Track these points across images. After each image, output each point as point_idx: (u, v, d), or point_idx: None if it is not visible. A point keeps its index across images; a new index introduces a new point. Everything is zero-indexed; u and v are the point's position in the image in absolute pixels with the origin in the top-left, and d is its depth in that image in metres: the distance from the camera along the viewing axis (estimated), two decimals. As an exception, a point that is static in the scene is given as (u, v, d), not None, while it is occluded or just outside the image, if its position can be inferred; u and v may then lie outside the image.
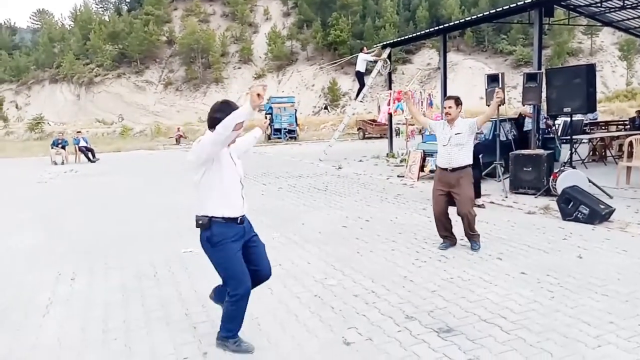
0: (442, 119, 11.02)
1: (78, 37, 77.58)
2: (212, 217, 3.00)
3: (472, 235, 5.30)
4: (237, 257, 3.05)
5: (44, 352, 3.32)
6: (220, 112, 2.91)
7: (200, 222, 3.03)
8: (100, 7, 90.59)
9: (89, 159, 18.55)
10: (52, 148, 18.68)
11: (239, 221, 3.07)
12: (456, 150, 5.16)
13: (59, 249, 6.03)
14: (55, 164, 17.90)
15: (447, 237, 5.41)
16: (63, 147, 18.65)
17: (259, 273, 3.24)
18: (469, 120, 5.29)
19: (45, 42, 78.42)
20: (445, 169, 5.24)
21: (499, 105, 6.20)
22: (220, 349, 3.21)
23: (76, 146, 18.86)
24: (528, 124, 10.88)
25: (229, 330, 3.19)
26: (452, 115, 5.22)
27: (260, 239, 3.30)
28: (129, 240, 6.31)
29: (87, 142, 19.45)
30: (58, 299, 4.28)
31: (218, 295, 3.39)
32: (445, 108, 5.31)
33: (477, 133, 9.99)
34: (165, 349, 3.28)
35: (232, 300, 3.08)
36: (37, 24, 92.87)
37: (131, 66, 74.42)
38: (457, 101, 5.27)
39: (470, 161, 5.25)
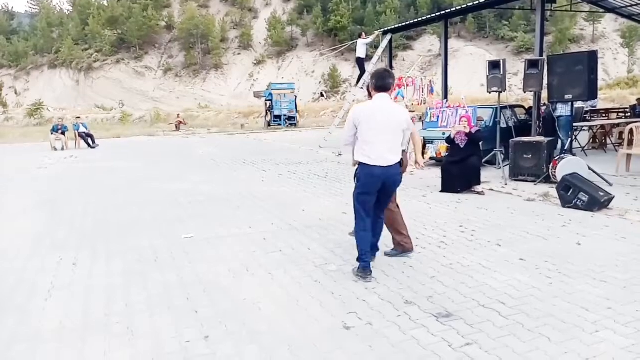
0: (442, 106, 11.03)
1: (77, 22, 77.14)
2: None
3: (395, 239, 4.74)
4: None
5: (47, 335, 3.35)
6: (392, 78, 4.15)
7: (400, 162, 4.16)
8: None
9: (88, 145, 18.53)
10: (51, 134, 18.65)
11: None
12: None
13: (61, 234, 6.06)
14: (55, 149, 17.89)
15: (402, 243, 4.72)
16: (63, 133, 18.62)
17: None
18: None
19: (44, 27, 77.94)
20: None
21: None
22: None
23: (76, 132, 18.82)
24: (560, 109, 10.45)
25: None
26: None
27: None
28: (130, 225, 6.34)
29: (86, 128, 19.40)
30: (60, 283, 4.31)
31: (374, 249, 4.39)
32: None
33: (478, 120, 10.04)
34: (167, 332, 3.32)
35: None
36: (35, 9, 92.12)
37: (130, 52, 74.06)
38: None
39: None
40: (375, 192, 4.16)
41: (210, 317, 3.52)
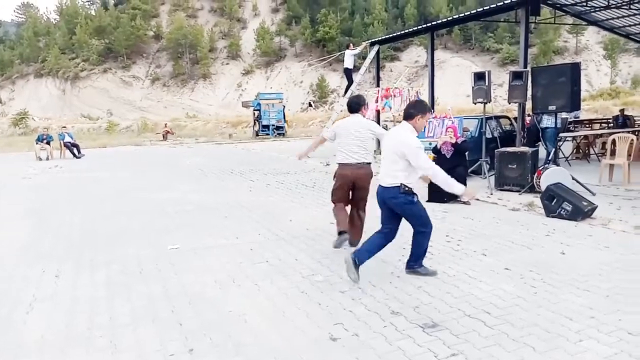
0: (434, 117, 11.11)
1: (64, 31, 76.66)
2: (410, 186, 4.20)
3: None
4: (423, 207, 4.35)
5: (28, 348, 3.29)
6: (415, 108, 4.27)
7: (407, 188, 4.17)
8: (87, 1, 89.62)
9: (74, 155, 18.32)
10: (36, 143, 18.41)
11: None
12: None
13: (45, 244, 5.97)
14: (40, 159, 17.67)
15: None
16: (48, 143, 18.39)
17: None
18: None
19: (30, 36, 77.29)
20: None
21: None
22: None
23: (61, 142, 18.60)
24: (546, 121, 10.60)
25: (419, 259, 4.38)
26: None
27: None
28: (115, 236, 6.27)
29: (72, 138, 19.18)
30: (43, 294, 4.25)
31: (361, 255, 4.30)
32: None
33: (464, 130, 10.13)
34: (151, 345, 3.28)
35: (427, 234, 4.31)
36: (22, 18, 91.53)
37: (117, 61, 73.70)
38: None
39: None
40: (382, 207, 4.39)
41: (195, 329, 3.49)
